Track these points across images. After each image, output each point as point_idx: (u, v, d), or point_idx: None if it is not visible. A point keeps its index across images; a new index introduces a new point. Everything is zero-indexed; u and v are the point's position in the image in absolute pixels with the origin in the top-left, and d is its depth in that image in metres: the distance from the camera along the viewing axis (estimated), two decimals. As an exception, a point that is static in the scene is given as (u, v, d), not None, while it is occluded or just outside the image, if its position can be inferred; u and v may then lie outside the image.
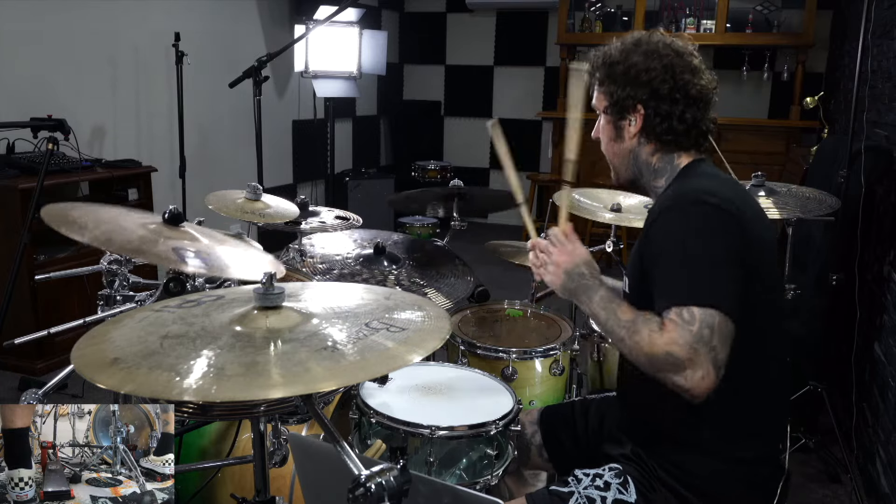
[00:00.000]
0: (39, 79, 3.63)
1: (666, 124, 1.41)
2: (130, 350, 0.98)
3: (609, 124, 1.49)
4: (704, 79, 1.42)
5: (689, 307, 1.21)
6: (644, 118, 1.42)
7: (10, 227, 3.18)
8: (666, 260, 1.30)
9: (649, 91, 1.40)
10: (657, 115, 1.41)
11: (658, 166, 1.46)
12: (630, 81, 1.41)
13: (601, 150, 1.54)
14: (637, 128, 1.44)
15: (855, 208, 2.77)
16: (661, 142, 1.44)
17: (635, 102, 1.42)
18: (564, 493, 1.38)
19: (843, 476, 2.64)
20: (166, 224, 1.51)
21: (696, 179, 1.39)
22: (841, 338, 3.01)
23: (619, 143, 1.49)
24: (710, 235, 1.27)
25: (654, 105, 1.41)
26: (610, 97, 1.45)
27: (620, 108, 1.44)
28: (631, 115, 1.44)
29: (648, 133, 1.44)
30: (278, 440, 1.38)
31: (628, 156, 1.49)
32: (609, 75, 1.45)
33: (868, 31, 2.80)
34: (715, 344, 1.20)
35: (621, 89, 1.42)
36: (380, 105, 6.98)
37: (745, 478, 1.36)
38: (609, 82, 1.45)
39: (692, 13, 5.71)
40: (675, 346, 1.20)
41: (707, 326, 1.20)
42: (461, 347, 2.09)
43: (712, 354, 1.19)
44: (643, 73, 1.40)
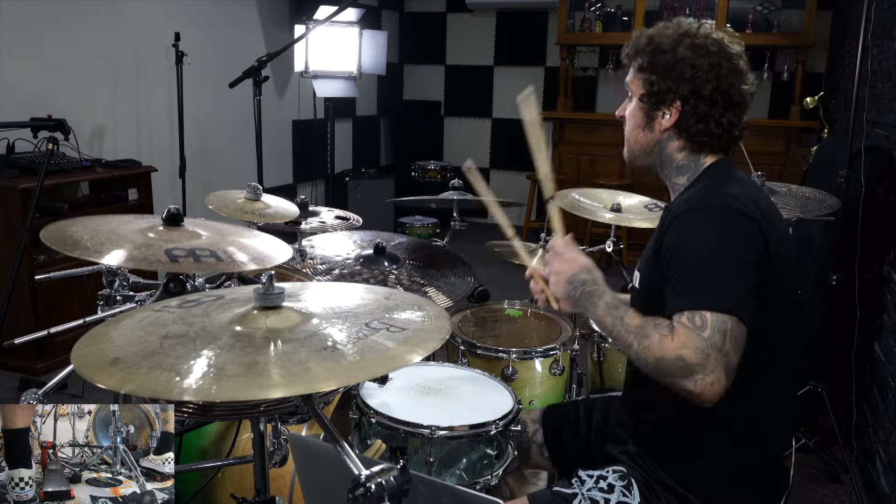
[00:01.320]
0: (39, 79, 3.63)
1: (701, 125, 1.37)
2: (130, 350, 0.98)
3: (641, 111, 1.43)
4: (747, 83, 1.39)
5: (701, 312, 1.20)
6: (680, 115, 1.38)
7: (10, 227, 3.18)
8: (683, 261, 1.27)
9: (691, 89, 1.36)
10: (694, 115, 1.37)
11: (682, 164, 1.43)
12: (674, 75, 1.36)
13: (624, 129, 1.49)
14: (671, 122, 1.39)
15: (855, 208, 2.77)
16: (692, 141, 1.40)
17: (674, 97, 1.37)
18: (568, 494, 1.38)
19: (843, 476, 2.64)
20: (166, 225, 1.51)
21: (722, 183, 1.36)
22: (841, 338, 3.01)
23: (646, 132, 1.44)
24: (731, 240, 1.25)
25: (693, 104, 1.36)
26: (649, 85, 1.40)
27: (658, 99, 1.39)
28: (667, 108, 1.39)
29: (681, 130, 1.40)
30: (278, 440, 1.38)
31: (653, 146, 1.45)
32: (653, 63, 1.39)
33: (868, 31, 2.80)
34: (727, 349, 1.18)
35: (663, 81, 1.38)
36: (380, 105, 6.97)
37: (750, 483, 1.35)
38: (651, 70, 1.40)
39: (692, 13, 5.71)
40: (685, 351, 1.18)
41: (719, 332, 1.18)
42: (461, 347, 2.09)
43: (724, 360, 1.18)
44: (689, 69, 1.35)
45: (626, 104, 1.49)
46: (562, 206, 2.52)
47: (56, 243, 1.35)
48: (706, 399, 1.19)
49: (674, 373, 1.20)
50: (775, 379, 1.34)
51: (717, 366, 1.17)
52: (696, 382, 1.18)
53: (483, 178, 1.70)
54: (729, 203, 1.28)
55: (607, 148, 5.73)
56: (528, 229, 5.95)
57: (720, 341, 1.18)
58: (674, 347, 1.19)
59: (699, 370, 1.17)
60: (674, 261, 1.29)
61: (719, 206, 1.29)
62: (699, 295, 1.22)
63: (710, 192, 1.34)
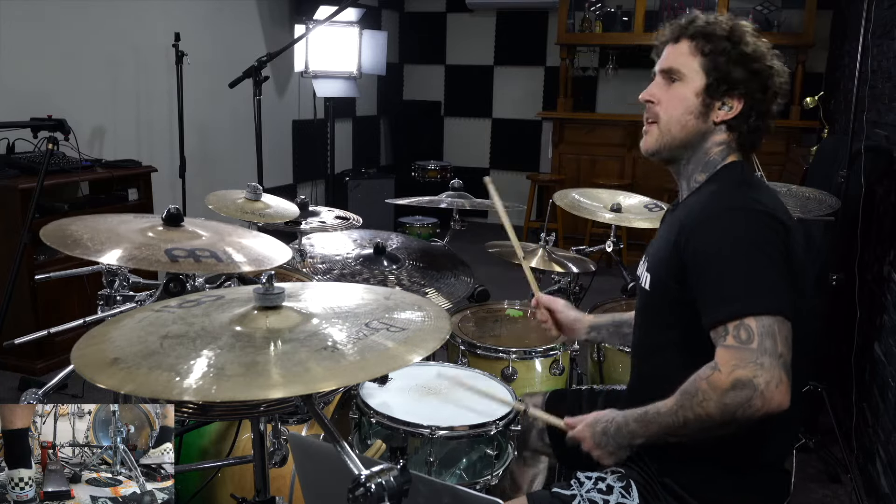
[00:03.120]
0: (39, 79, 3.63)
1: (757, 124, 1.36)
2: (130, 350, 0.98)
3: (698, 98, 1.36)
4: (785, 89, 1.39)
5: (744, 320, 1.17)
6: (742, 110, 1.35)
7: (10, 227, 3.18)
8: (711, 270, 1.24)
9: (760, 86, 1.34)
10: (754, 113, 1.35)
11: (710, 159, 1.39)
12: (751, 69, 1.34)
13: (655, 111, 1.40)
14: (730, 115, 1.35)
15: (855, 208, 2.77)
16: (739, 138, 1.37)
17: (743, 92, 1.34)
18: (567, 495, 1.38)
19: (843, 476, 2.64)
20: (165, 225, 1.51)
21: (739, 185, 1.34)
22: (841, 338, 3.01)
23: (698, 121, 1.37)
24: (760, 243, 1.23)
25: (758, 101, 1.34)
26: (718, 74, 1.35)
27: (724, 90, 1.35)
28: (731, 100, 1.35)
29: (734, 125, 1.36)
30: (278, 440, 1.38)
31: (697, 137, 1.38)
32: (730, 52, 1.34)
33: (868, 31, 2.80)
34: (780, 350, 1.16)
35: (739, 72, 1.34)
36: (380, 105, 6.97)
37: (751, 486, 1.35)
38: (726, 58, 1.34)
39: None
40: (739, 372, 1.15)
41: (768, 336, 1.16)
42: (461, 347, 2.09)
43: (781, 361, 1.15)
44: (765, 68, 1.34)
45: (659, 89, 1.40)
46: (562, 206, 2.53)
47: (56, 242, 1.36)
48: (777, 404, 1.15)
49: (740, 402, 1.15)
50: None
51: (772, 368, 1.14)
52: (762, 395, 1.14)
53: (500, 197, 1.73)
54: (756, 205, 1.26)
55: (607, 148, 5.73)
56: (528, 229, 5.95)
57: (771, 346, 1.15)
58: (726, 377, 1.16)
59: (758, 380, 1.14)
60: (701, 267, 1.26)
61: (746, 207, 1.27)
62: (738, 301, 1.19)
63: (734, 195, 1.32)
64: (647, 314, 1.47)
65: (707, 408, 1.19)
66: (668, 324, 1.38)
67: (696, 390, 1.20)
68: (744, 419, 1.16)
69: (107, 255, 1.33)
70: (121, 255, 1.34)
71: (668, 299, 1.33)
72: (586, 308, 2.48)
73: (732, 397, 1.15)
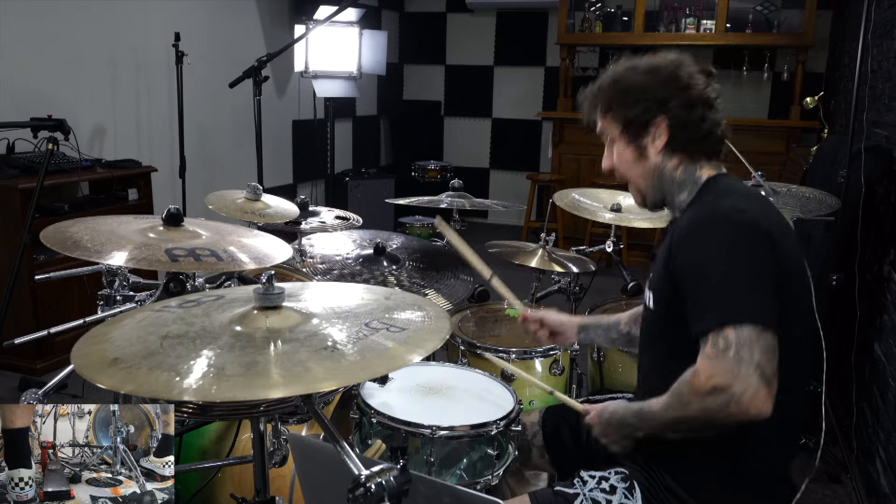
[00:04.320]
0: (39, 79, 3.63)
1: (688, 132, 1.38)
2: (130, 350, 0.98)
3: (629, 146, 1.43)
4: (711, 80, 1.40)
5: (723, 331, 1.19)
6: (669, 129, 1.38)
7: (10, 227, 3.18)
8: (696, 281, 1.27)
9: (662, 102, 1.37)
10: (680, 125, 1.38)
11: (681, 178, 1.42)
12: (640, 97, 1.38)
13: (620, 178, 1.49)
14: (663, 141, 1.39)
15: (855, 208, 2.77)
16: (685, 152, 1.40)
17: (654, 116, 1.38)
18: (569, 494, 1.38)
19: (843, 476, 2.64)
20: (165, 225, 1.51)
21: (724, 196, 1.36)
22: (841, 338, 3.02)
23: (643, 163, 1.43)
24: (741, 253, 1.25)
25: (675, 114, 1.37)
26: (624, 118, 1.41)
27: (638, 126, 1.40)
28: (653, 129, 1.40)
29: (674, 146, 1.40)
30: (278, 440, 1.38)
31: (655, 173, 1.43)
32: (616, 98, 1.42)
33: (868, 31, 2.80)
34: (758, 360, 1.17)
35: (633, 107, 1.39)
36: (380, 105, 6.97)
37: (754, 489, 1.34)
38: (618, 106, 1.42)
39: (692, 13, 5.71)
40: (716, 379, 1.18)
41: (745, 346, 1.18)
42: (461, 347, 2.09)
43: (758, 371, 1.17)
44: (650, 87, 1.38)
45: (609, 154, 1.49)
46: (562, 206, 2.53)
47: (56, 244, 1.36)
48: (755, 413, 1.17)
49: (717, 406, 1.19)
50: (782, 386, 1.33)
51: (748, 378, 1.17)
52: (738, 402, 1.17)
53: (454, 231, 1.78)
54: (734, 216, 1.28)
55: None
56: (528, 229, 5.95)
57: (748, 356, 1.17)
58: (705, 382, 1.19)
59: (734, 389, 1.17)
60: (688, 279, 1.28)
61: (729, 218, 1.28)
62: (717, 312, 1.21)
63: (717, 205, 1.33)
64: (650, 333, 1.48)
65: (690, 409, 1.24)
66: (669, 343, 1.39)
67: (681, 392, 1.25)
68: (725, 421, 1.20)
69: (107, 256, 1.34)
70: (121, 255, 1.34)
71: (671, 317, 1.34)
72: (586, 308, 2.49)
73: (711, 402, 1.20)
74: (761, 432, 1.32)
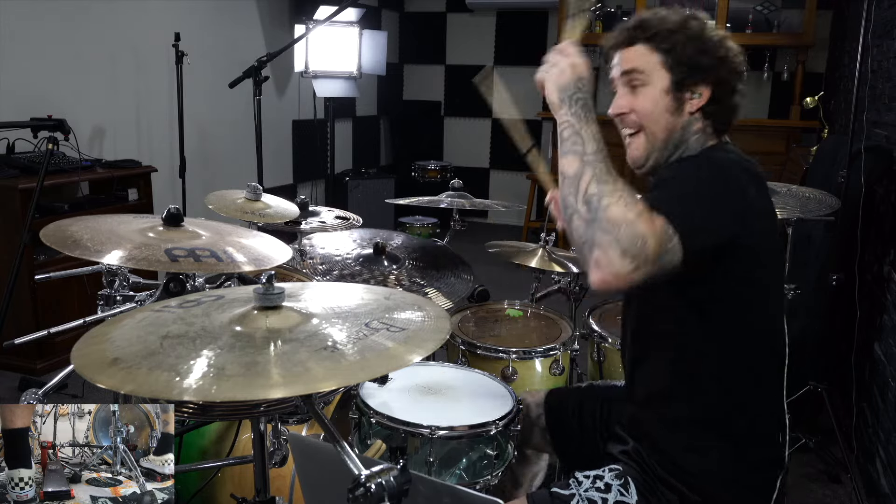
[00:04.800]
0: (39, 79, 3.63)
1: (725, 104, 1.39)
2: (130, 350, 0.98)
3: (668, 95, 1.38)
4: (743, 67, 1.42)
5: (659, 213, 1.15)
6: (711, 95, 1.38)
7: (10, 227, 3.18)
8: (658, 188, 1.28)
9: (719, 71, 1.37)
10: (722, 95, 1.38)
11: (692, 146, 1.42)
12: (710, 54, 1.37)
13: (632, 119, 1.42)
14: (702, 102, 1.38)
15: (855, 208, 2.77)
16: (714, 123, 1.41)
17: (706, 77, 1.37)
18: (565, 495, 1.38)
19: (843, 476, 2.64)
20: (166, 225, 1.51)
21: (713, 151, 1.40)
22: (841, 338, 3.01)
23: (675, 116, 1.39)
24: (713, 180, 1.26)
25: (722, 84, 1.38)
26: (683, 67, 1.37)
27: (692, 80, 1.37)
28: (699, 88, 1.38)
29: (707, 112, 1.39)
30: (278, 440, 1.38)
31: (677, 132, 1.40)
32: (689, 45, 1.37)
33: (868, 31, 2.80)
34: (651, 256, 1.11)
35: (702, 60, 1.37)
36: (380, 105, 6.97)
37: (745, 478, 1.36)
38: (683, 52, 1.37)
39: (692, 13, 5.71)
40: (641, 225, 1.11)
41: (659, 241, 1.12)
42: (461, 347, 2.09)
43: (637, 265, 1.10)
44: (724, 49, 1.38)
45: (630, 96, 1.41)
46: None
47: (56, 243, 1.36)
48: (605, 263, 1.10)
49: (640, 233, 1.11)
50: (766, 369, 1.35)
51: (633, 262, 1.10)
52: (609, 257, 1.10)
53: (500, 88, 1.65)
54: (718, 155, 1.32)
55: (608, 147, 5.70)
56: (528, 229, 5.95)
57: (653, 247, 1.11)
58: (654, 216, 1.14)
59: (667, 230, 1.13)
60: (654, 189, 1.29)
61: (709, 156, 1.33)
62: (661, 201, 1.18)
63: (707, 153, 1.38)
64: (638, 324, 1.48)
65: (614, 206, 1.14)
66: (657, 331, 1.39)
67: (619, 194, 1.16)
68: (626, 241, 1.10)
69: (107, 257, 1.34)
70: (121, 255, 1.34)
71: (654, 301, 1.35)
72: (586, 308, 2.49)
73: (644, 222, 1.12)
74: (750, 423, 1.34)
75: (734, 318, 1.29)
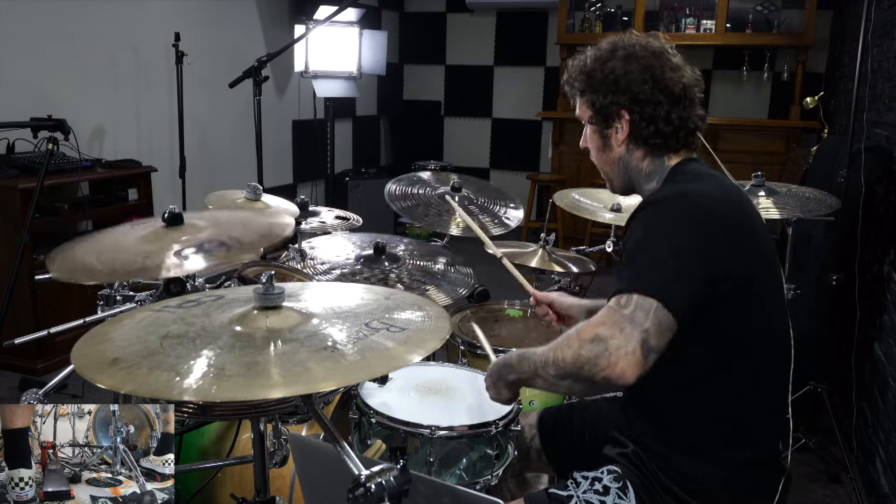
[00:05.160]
0: (39, 79, 3.63)
1: (653, 127, 1.38)
2: (130, 350, 0.98)
3: (596, 134, 1.45)
4: (686, 76, 1.39)
5: (631, 294, 1.19)
6: (630, 124, 1.39)
7: (10, 227, 3.18)
8: (628, 253, 1.29)
9: (631, 96, 1.37)
10: (643, 120, 1.38)
11: (649, 170, 1.43)
12: (610, 88, 1.38)
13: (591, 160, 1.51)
14: (625, 134, 1.40)
15: (855, 208, 2.77)
16: (649, 146, 1.40)
17: (619, 109, 1.38)
18: (563, 496, 1.38)
19: (843, 476, 2.64)
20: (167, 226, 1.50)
21: (684, 179, 1.36)
22: (841, 338, 3.01)
23: (607, 153, 1.45)
24: (675, 234, 1.24)
25: (638, 109, 1.37)
26: (592, 106, 1.42)
27: (605, 116, 1.41)
28: (616, 122, 1.40)
29: (636, 138, 1.40)
30: (278, 440, 1.38)
31: (618, 164, 1.45)
32: (589, 84, 1.42)
33: (868, 31, 2.80)
34: (647, 327, 1.16)
35: (602, 97, 1.39)
36: (380, 105, 6.97)
37: (746, 482, 1.35)
38: (590, 91, 1.42)
39: (692, 13, 5.71)
40: (601, 328, 1.18)
41: (642, 310, 1.17)
42: (461, 347, 2.09)
43: (643, 336, 1.16)
44: (622, 77, 1.37)
45: (584, 133, 1.50)
46: (562, 206, 2.53)
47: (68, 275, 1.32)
48: (618, 373, 1.15)
49: (592, 356, 1.17)
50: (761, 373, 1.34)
51: (630, 338, 1.15)
52: (609, 356, 1.15)
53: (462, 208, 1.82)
54: (679, 196, 1.29)
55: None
56: (528, 229, 5.95)
57: (642, 318, 1.17)
58: (591, 329, 1.20)
59: (612, 342, 1.16)
60: (625, 253, 1.31)
61: (671, 197, 1.30)
62: (631, 280, 1.22)
63: (668, 189, 1.35)
64: None
65: (566, 353, 1.23)
66: None
67: (567, 336, 1.24)
68: (588, 376, 1.18)
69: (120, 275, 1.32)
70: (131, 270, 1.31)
71: None
72: (586, 308, 2.49)
73: (587, 349, 1.19)
74: (750, 426, 1.33)
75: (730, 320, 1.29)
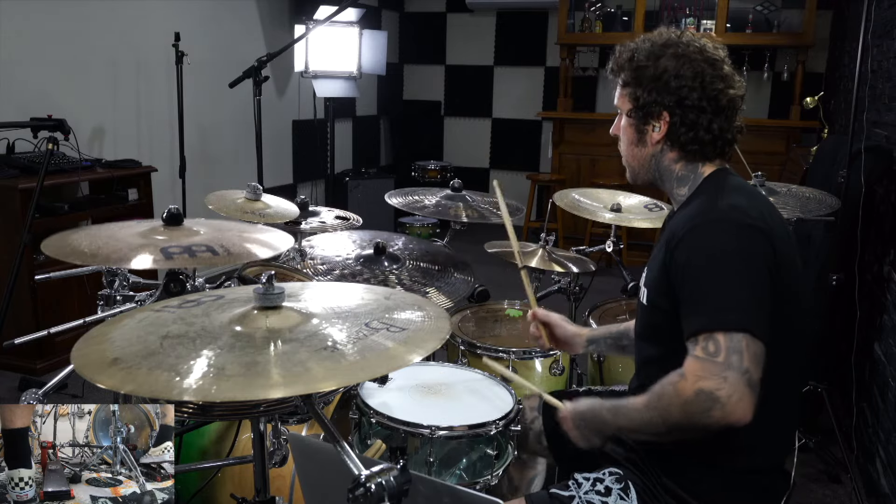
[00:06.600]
0: (39, 79, 3.63)
1: (692, 134, 1.36)
2: (130, 350, 0.98)
3: (631, 127, 1.43)
4: (734, 87, 1.38)
5: (713, 334, 1.18)
6: (669, 126, 1.37)
7: (10, 227, 3.18)
8: (693, 281, 1.25)
9: (677, 99, 1.35)
10: (683, 125, 1.36)
11: (681, 174, 1.42)
12: (658, 87, 1.36)
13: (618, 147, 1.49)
14: (661, 135, 1.39)
15: (855, 208, 2.77)
16: (685, 151, 1.39)
17: (661, 109, 1.37)
18: (565, 496, 1.37)
19: (843, 476, 2.64)
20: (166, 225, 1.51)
21: (725, 193, 1.34)
22: (841, 338, 3.01)
23: (640, 148, 1.43)
24: (742, 254, 1.23)
25: (680, 113, 1.35)
26: (635, 100, 1.40)
27: (645, 112, 1.39)
28: (656, 121, 1.39)
29: (672, 141, 1.39)
30: (278, 440, 1.38)
31: (649, 161, 1.43)
32: (636, 78, 1.39)
33: (868, 31, 2.80)
34: (746, 366, 1.16)
35: (648, 94, 1.37)
36: (380, 105, 6.97)
37: (750, 487, 1.34)
38: (635, 85, 1.39)
39: (692, 13, 5.71)
40: (703, 382, 1.17)
41: (735, 352, 1.17)
42: (461, 347, 2.09)
43: (746, 377, 1.16)
44: (673, 79, 1.35)
45: (617, 123, 1.48)
46: (562, 206, 2.53)
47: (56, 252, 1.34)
48: (737, 418, 1.16)
49: (700, 410, 1.17)
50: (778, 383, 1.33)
51: (737, 383, 1.15)
52: (723, 407, 1.16)
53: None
54: (735, 216, 1.27)
55: (607, 148, 5.68)
56: (528, 229, 5.95)
57: (738, 361, 1.16)
58: (691, 385, 1.18)
59: (720, 393, 1.15)
60: (686, 279, 1.27)
61: (727, 218, 1.27)
62: (708, 316, 1.21)
63: (715, 204, 1.31)
64: (645, 328, 1.47)
65: (671, 411, 1.22)
66: (664, 339, 1.37)
67: (664, 393, 1.23)
68: (704, 427, 1.19)
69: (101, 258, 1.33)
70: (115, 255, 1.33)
71: (662, 315, 1.34)
72: (586, 308, 2.49)
73: (695, 406, 1.18)
74: (756, 431, 1.32)
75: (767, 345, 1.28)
